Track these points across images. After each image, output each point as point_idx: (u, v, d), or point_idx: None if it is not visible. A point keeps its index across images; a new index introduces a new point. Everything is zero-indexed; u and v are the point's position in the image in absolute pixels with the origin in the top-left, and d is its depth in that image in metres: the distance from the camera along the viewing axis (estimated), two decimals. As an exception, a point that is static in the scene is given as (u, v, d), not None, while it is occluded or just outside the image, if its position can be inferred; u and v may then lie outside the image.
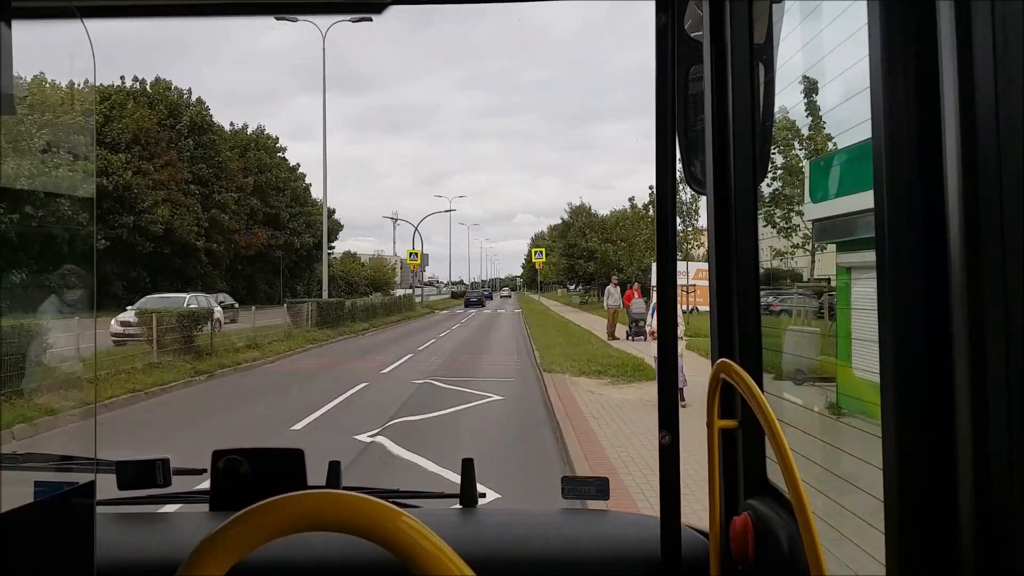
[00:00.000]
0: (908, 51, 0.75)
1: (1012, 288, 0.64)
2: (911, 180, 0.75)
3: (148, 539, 1.51)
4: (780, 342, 4.12)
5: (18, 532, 0.91)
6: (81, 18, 1.10)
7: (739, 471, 1.38)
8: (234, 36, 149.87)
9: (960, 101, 0.68)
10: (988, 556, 0.67)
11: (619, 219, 51.85)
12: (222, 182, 49.92)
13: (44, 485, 1.06)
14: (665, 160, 1.32)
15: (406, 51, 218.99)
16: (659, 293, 1.38)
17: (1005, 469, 0.65)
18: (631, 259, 42.87)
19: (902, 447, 0.75)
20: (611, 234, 51.04)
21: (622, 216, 51.20)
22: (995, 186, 0.65)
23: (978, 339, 0.67)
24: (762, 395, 1.08)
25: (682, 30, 1.45)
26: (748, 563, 1.25)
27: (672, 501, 1.32)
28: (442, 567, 0.64)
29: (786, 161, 7.34)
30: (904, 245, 0.75)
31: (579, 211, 59.44)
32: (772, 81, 1.43)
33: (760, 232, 1.41)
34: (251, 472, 1.64)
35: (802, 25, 1.58)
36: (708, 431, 1.30)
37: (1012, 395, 0.64)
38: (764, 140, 1.43)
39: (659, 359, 1.37)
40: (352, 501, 0.66)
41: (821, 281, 8.18)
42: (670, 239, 1.33)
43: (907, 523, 0.74)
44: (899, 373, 0.75)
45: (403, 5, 1.35)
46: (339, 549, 1.33)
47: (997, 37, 0.65)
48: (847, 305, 4.90)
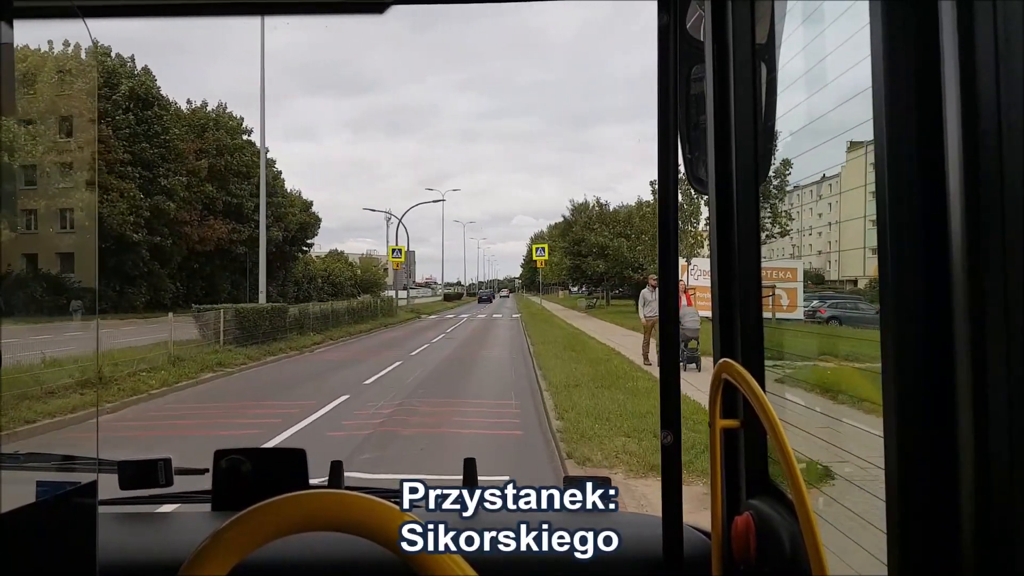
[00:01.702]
0: (910, 51, 0.75)
1: (1012, 288, 0.65)
2: (913, 180, 0.75)
3: (150, 539, 1.52)
4: (824, 377, 3.41)
5: (20, 532, 0.92)
6: (83, 18, 1.17)
7: (741, 471, 1.38)
8: (234, 36, 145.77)
9: (961, 101, 0.68)
10: (988, 556, 0.67)
11: (634, 211, 45.03)
12: (170, 164, 42.52)
13: (46, 485, 1.06)
14: (667, 160, 1.33)
15: (407, 52, 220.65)
16: (660, 293, 1.40)
17: (1005, 469, 0.66)
18: (653, 255, 35.66)
19: (903, 447, 0.75)
20: (624, 227, 44.12)
21: (639, 207, 44.45)
22: (996, 186, 0.66)
23: (979, 339, 0.67)
24: (764, 395, 1.09)
25: (684, 30, 1.45)
26: (750, 563, 1.25)
27: (674, 500, 1.33)
28: (443, 567, 0.68)
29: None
30: (905, 245, 0.75)
31: (582, 208, 54.36)
32: (774, 81, 1.44)
33: (761, 233, 1.40)
34: (253, 472, 1.62)
35: (804, 25, 1.62)
36: (710, 431, 1.30)
37: (1012, 395, 0.65)
38: (766, 140, 1.43)
39: (660, 359, 1.39)
40: (354, 501, 0.69)
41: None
42: (671, 239, 1.35)
43: (908, 523, 0.75)
44: (900, 373, 0.76)
45: (404, 5, 1.37)
46: (340, 549, 1.32)
47: (999, 37, 0.66)
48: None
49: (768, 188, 22.75)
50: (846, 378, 3.41)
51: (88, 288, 1.80)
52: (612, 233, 44.91)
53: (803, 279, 11.83)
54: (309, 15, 1.58)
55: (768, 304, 8.55)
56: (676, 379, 1.35)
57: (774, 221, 22.45)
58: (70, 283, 3.20)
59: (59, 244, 19.19)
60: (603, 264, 45.05)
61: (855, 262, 17.84)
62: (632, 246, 42.57)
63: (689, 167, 1.52)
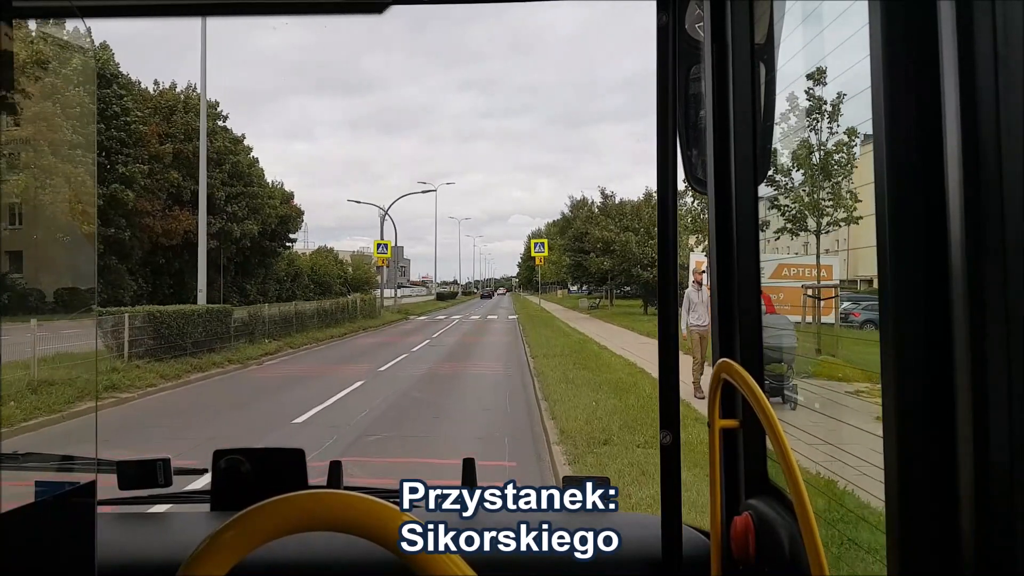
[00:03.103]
0: (909, 51, 0.75)
1: (1012, 288, 0.65)
2: (912, 179, 0.75)
3: (149, 539, 1.51)
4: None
5: (19, 532, 0.92)
6: (82, 18, 1.20)
7: (740, 471, 1.37)
8: (235, 36, 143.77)
9: (961, 100, 0.68)
10: (988, 556, 0.67)
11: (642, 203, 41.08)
12: (129, 149, 38.28)
13: (45, 485, 1.05)
14: (666, 160, 1.32)
15: (405, 52, 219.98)
16: (660, 293, 1.37)
17: (1005, 469, 0.65)
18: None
19: (903, 447, 0.75)
20: (632, 221, 40.07)
21: (648, 198, 40.51)
22: (996, 186, 0.66)
23: (979, 339, 0.67)
24: (763, 395, 1.08)
25: (683, 30, 1.45)
26: (749, 563, 1.25)
27: (673, 501, 1.32)
28: (443, 567, 0.68)
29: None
30: (905, 245, 0.75)
31: (581, 204, 52.03)
32: (773, 80, 1.44)
33: (761, 232, 1.40)
34: (252, 472, 1.61)
35: (803, 25, 1.60)
36: (709, 431, 1.29)
37: (1012, 395, 0.65)
38: (765, 139, 1.43)
39: (660, 358, 1.35)
40: (354, 501, 0.69)
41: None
42: (671, 239, 1.33)
43: (908, 523, 0.75)
44: (900, 373, 0.75)
45: (403, 5, 1.36)
46: (340, 549, 1.31)
47: (998, 37, 0.66)
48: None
49: (828, 162, 18.05)
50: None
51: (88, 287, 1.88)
52: (619, 227, 40.80)
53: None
54: (308, 15, 1.50)
55: (810, 308, 8.01)
56: (675, 379, 1.32)
57: (836, 203, 18.15)
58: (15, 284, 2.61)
59: (11, 243, 15.04)
60: (608, 261, 40.89)
61: (869, 261, 14.25)
62: (642, 241, 38.54)
63: (688, 167, 1.50)
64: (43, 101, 30.20)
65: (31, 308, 9.48)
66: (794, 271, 19.05)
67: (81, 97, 35.56)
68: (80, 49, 15.81)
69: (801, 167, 19.36)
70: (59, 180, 22.42)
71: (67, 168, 29.42)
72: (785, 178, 18.99)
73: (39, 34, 10.33)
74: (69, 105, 35.13)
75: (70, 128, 34.65)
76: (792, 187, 18.57)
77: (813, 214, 18.90)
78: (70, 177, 26.03)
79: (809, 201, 18.47)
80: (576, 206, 53.08)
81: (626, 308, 44.28)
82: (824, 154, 17.88)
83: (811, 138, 18.63)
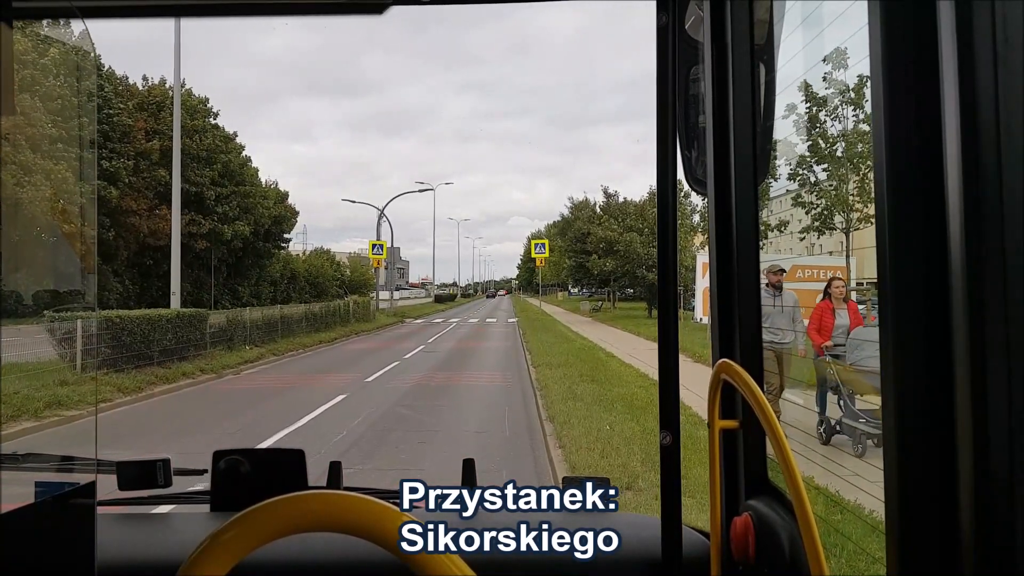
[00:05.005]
0: (909, 51, 0.75)
1: (1012, 288, 0.65)
2: (912, 180, 0.75)
3: (149, 539, 1.50)
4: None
5: (19, 532, 0.91)
6: (83, 18, 1.19)
7: (740, 471, 1.37)
8: (235, 37, 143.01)
9: (961, 100, 0.68)
10: (988, 556, 0.66)
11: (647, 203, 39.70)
12: (113, 144, 36.85)
13: (45, 485, 1.05)
14: (666, 161, 1.31)
15: (405, 53, 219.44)
16: (660, 293, 1.36)
17: (1005, 470, 0.65)
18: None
19: (903, 448, 0.75)
20: (636, 220, 38.68)
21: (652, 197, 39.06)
22: (996, 186, 0.66)
23: (978, 340, 0.67)
24: (763, 395, 1.08)
25: (683, 30, 1.45)
26: (749, 563, 1.24)
27: (673, 501, 1.32)
28: (443, 567, 0.68)
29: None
30: (905, 245, 0.75)
31: (582, 206, 50.75)
32: (773, 81, 1.43)
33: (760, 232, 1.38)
34: (252, 472, 1.60)
35: (803, 25, 1.55)
36: (709, 431, 1.28)
37: (1012, 395, 0.65)
38: (765, 140, 1.43)
39: (660, 359, 1.33)
40: (353, 502, 0.68)
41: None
42: (671, 239, 1.32)
43: (908, 523, 0.74)
44: (899, 374, 0.75)
45: (403, 6, 1.35)
46: (340, 549, 1.32)
47: (998, 37, 0.66)
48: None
49: (851, 153, 16.31)
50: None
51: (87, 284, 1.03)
52: (622, 227, 39.36)
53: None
54: (309, 15, 1.51)
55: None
56: (675, 379, 1.31)
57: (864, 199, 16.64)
58: None
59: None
60: (611, 262, 39.45)
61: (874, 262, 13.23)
62: (646, 241, 37.13)
63: (688, 168, 1.50)
64: (19, 93, 28.45)
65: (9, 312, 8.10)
66: (808, 272, 17.61)
67: (62, 90, 34.00)
68: (59, 42, 13.39)
69: (823, 161, 17.67)
70: (39, 177, 20.10)
71: (47, 164, 26.99)
72: (807, 172, 17.45)
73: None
74: (49, 98, 33.59)
75: (50, 122, 33.03)
76: (816, 182, 17.08)
77: (841, 211, 17.32)
78: (50, 173, 23.70)
79: (837, 196, 16.88)
80: (576, 207, 51.88)
81: (629, 311, 42.82)
82: (847, 144, 16.32)
83: (832, 128, 16.79)
